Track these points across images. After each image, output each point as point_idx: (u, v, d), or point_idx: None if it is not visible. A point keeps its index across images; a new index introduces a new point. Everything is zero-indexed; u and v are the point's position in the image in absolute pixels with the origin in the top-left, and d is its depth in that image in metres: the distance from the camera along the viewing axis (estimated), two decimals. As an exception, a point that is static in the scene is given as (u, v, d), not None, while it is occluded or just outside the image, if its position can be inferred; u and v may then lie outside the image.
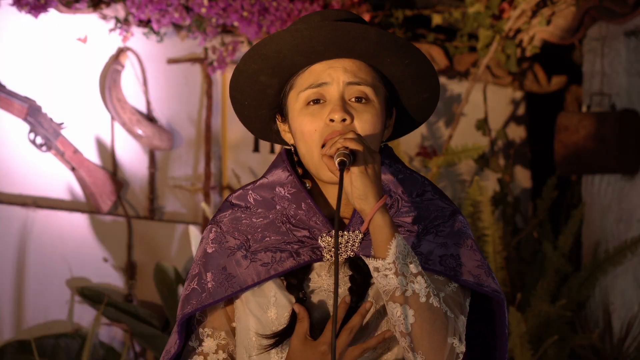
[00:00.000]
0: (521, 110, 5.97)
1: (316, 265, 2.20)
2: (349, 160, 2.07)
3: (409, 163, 5.41)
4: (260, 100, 2.25)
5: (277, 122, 2.27)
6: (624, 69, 5.26)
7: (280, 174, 2.25)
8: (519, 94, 5.95)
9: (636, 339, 5.00)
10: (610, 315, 5.12)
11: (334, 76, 2.17)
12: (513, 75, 5.73)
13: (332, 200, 2.23)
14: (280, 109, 2.25)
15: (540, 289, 5.03)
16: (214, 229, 2.24)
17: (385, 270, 2.08)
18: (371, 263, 2.10)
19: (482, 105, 5.60)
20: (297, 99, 2.20)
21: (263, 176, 2.27)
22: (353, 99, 2.17)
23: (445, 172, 5.69)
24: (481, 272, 2.22)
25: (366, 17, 5.24)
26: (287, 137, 2.26)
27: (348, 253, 2.19)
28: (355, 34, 2.14)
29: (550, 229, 5.37)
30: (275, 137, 2.30)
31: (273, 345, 2.17)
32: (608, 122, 5.16)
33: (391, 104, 2.25)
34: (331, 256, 2.19)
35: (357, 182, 2.08)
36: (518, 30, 5.37)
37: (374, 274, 2.10)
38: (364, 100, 2.18)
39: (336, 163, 2.08)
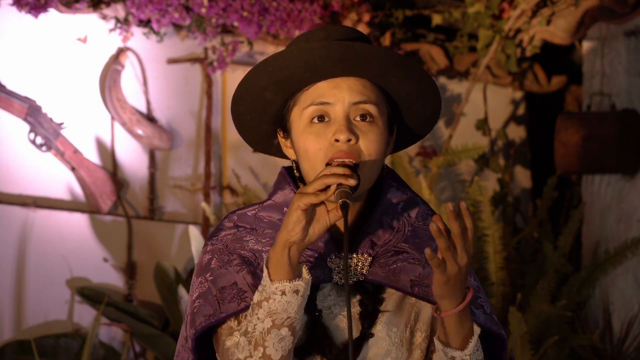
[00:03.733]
0: (521, 110, 5.97)
1: (324, 286, 2.21)
2: (350, 198, 2.08)
3: (409, 163, 5.41)
4: (263, 116, 2.25)
5: (279, 137, 2.27)
6: (624, 69, 5.26)
7: (288, 195, 2.24)
8: (519, 94, 5.95)
9: (636, 339, 5.00)
10: (610, 315, 5.12)
11: (338, 96, 2.17)
12: (513, 75, 5.73)
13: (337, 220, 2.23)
14: (282, 125, 2.25)
15: (540, 289, 5.03)
16: (218, 246, 2.23)
17: None
18: (448, 352, 2.14)
19: (482, 105, 5.60)
20: (300, 116, 2.19)
21: (269, 198, 2.27)
22: (358, 118, 2.17)
23: (445, 172, 5.69)
24: (484, 311, 2.24)
25: (366, 17, 5.24)
26: (289, 152, 2.26)
27: (357, 277, 2.20)
28: (365, 53, 2.15)
29: (550, 229, 5.37)
30: (274, 151, 2.30)
31: None
32: (608, 122, 5.16)
33: (393, 121, 2.25)
34: (340, 278, 2.20)
35: (454, 282, 2.09)
36: (518, 30, 5.37)
37: (442, 357, 2.15)
38: (368, 119, 2.18)
39: (338, 204, 2.07)
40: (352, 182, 2.08)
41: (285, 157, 2.29)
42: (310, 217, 2.09)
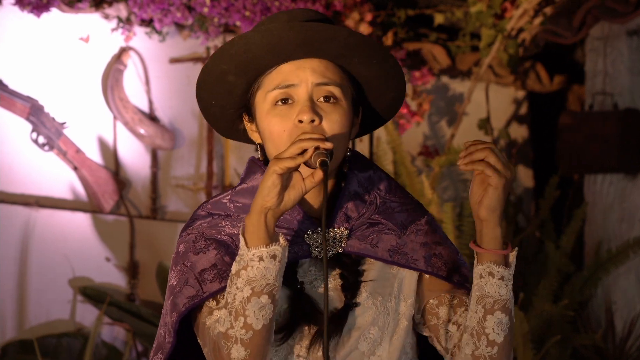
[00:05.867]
0: (523, 110, 5.97)
1: (304, 261, 2.22)
2: (329, 159, 2.07)
3: (411, 162, 5.41)
4: (227, 100, 2.26)
5: (244, 122, 2.28)
6: (626, 68, 5.25)
7: (259, 178, 2.24)
8: (521, 94, 5.95)
9: (639, 339, 5.00)
10: (612, 314, 5.12)
11: (302, 77, 2.18)
12: (515, 74, 5.73)
13: (307, 197, 2.22)
14: (247, 109, 2.26)
15: (542, 288, 5.03)
16: (193, 233, 2.23)
17: (506, 280, 2.12)
18: (498, 271, 2.13)
19: (484, 105, 5.60)
20: (264, 99, 2.20)
21: (242, 182, 2.27)
22: (321, 99, 2.18)
23: (447, 172, 5.69)
24: (465, 270, 2.26)
25: (368, 16, 5.24)
26: (255, 136, 2.26)
27: (337, 249, 2.21)
28: (325, 34, 2.16)
29: (552, 229, 5.37)
30: (241, 136, 2.31)
31: (283, 339, 2.18)
32: (610, 122, 5.16)
33: (358, 102, 2.26)
34: (319, 252, 2.20)
35: (498, 194, 2.15)
36: (520, 30, 5.37)
37: (488, 279, 2.12)
38: (332, 100, 2.18)
39: (317, 164, 2.06)
40: (328, 144, 2.07)
41: (251, 142, 2.30)
42: (286, 183, 2.07)
